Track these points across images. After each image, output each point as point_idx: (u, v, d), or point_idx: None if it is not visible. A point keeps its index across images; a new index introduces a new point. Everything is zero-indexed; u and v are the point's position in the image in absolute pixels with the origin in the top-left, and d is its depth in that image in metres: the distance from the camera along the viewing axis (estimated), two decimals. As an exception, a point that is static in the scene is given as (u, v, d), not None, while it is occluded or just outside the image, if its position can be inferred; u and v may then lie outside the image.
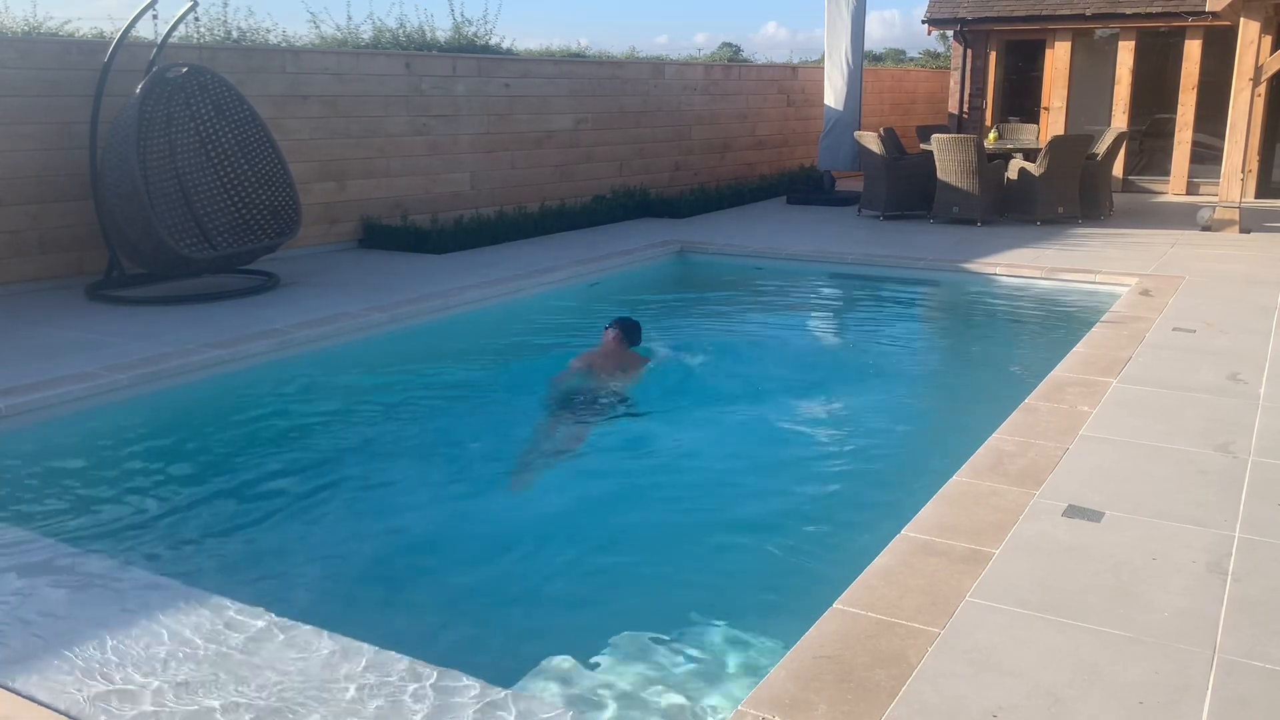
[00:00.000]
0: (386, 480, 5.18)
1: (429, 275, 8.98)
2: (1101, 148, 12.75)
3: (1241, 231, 11.44)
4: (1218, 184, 12.10)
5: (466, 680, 2.96)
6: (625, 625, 3.64)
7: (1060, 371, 5.99)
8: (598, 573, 4.25)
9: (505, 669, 3.23)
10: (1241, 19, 11.14)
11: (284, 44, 11.52)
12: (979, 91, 16.96)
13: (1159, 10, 14.93)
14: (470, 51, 12.58)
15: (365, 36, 12.44)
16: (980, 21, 16.30)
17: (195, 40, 9.65)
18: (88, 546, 4.08)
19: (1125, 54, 15.67)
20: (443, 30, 12.94)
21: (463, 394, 6.60)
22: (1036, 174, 12.23)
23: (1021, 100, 16.90)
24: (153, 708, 2.86)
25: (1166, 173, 15.72)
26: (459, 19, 13.13)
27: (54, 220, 8.41)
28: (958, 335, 8.50)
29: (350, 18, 19.93)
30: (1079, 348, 6.51)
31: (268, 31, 11.53)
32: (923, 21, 17.03)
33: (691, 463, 5.50)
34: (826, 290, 9.95)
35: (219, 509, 4.73)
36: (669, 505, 4.92)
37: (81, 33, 9.93)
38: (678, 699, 3.20)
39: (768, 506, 4.87)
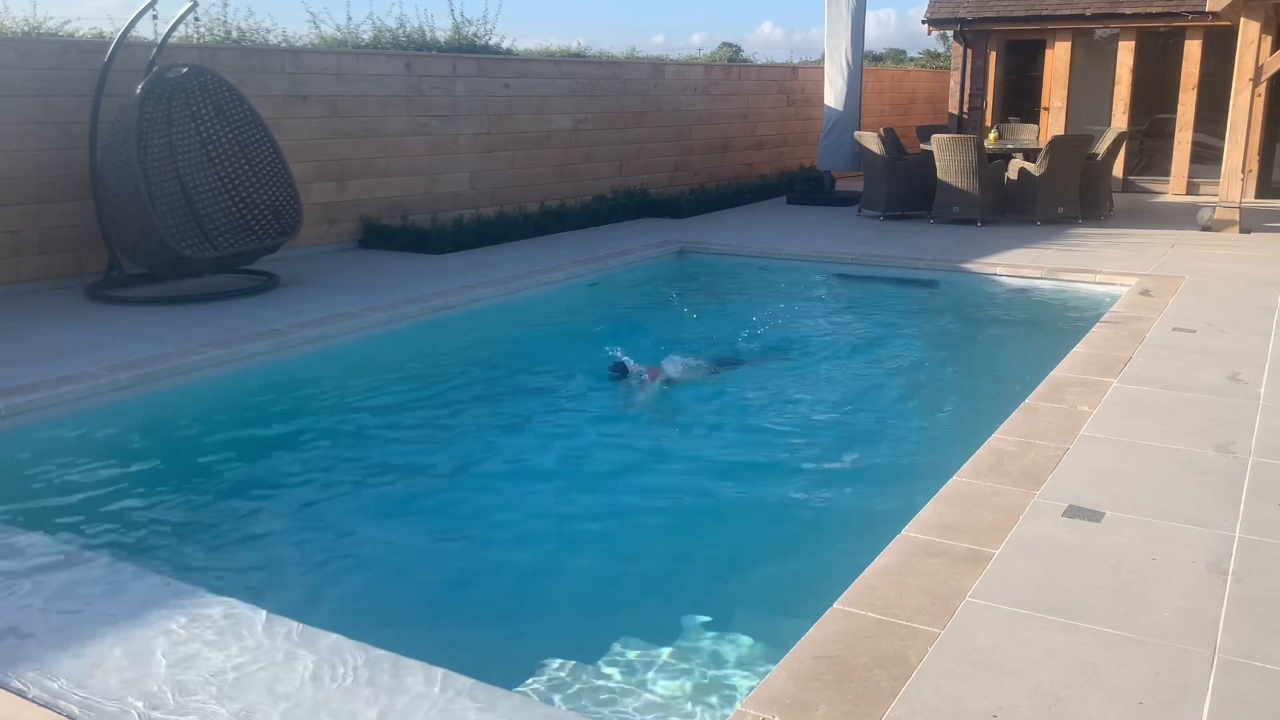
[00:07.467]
0: (386, 480, 5.19)
1: (429, 275, 8.98)
2: (1101, 148, 12.75)
3: (1241, 231, 11.44)
4: (1218, 184, 12.10)
5: (466, 680, 2.96)
6: (624, 626, 3.64)
7: (1060, 371, 5.99)
8: (596, 573, 4.25)
9: (505, 669, 3.23)
10: (1241, 19, 11.14)
11: (284, 44, 11.51)
12: (979, 91, 16.96)
13: (1159, 10, 14.93)
14: (470, 51, 12.58)
15: (365, 37, 12.44)
16: (980, 21, 16.29)
17: (195, 40, 9.65)
18: (87, 546, 4.08)
19: (1125, 54, 15.67)
20: (443, 30, 12.95)
21: (462, 394, 6.60)
22: (1036, 174, 12.23)
23: (1021, 100, 16.90)
24: (153, 708, 2.86)
25: (1166, 173, 15.72)
26: (459, 19, 13.14)
27: (54, 220, 8.40)
28: (958, 335, 8.50)
29: (350, 18, 19.95)
30: (1079, 348, 6.51)
31: (268, 31, 11.53)
32: (923, 21, 17.04)
33: (689, 463, 5.50)
34: (826, 290, 9.94)
35: (218, 508, 4.73)
36: (667, 506, 4.92)
37: (81, 33, 9.93)
38: (678, 699, 3.20)
39: (767, 506, 4.87)
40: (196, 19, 9.38)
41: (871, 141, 12.98)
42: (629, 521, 4.76)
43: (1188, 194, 15.41)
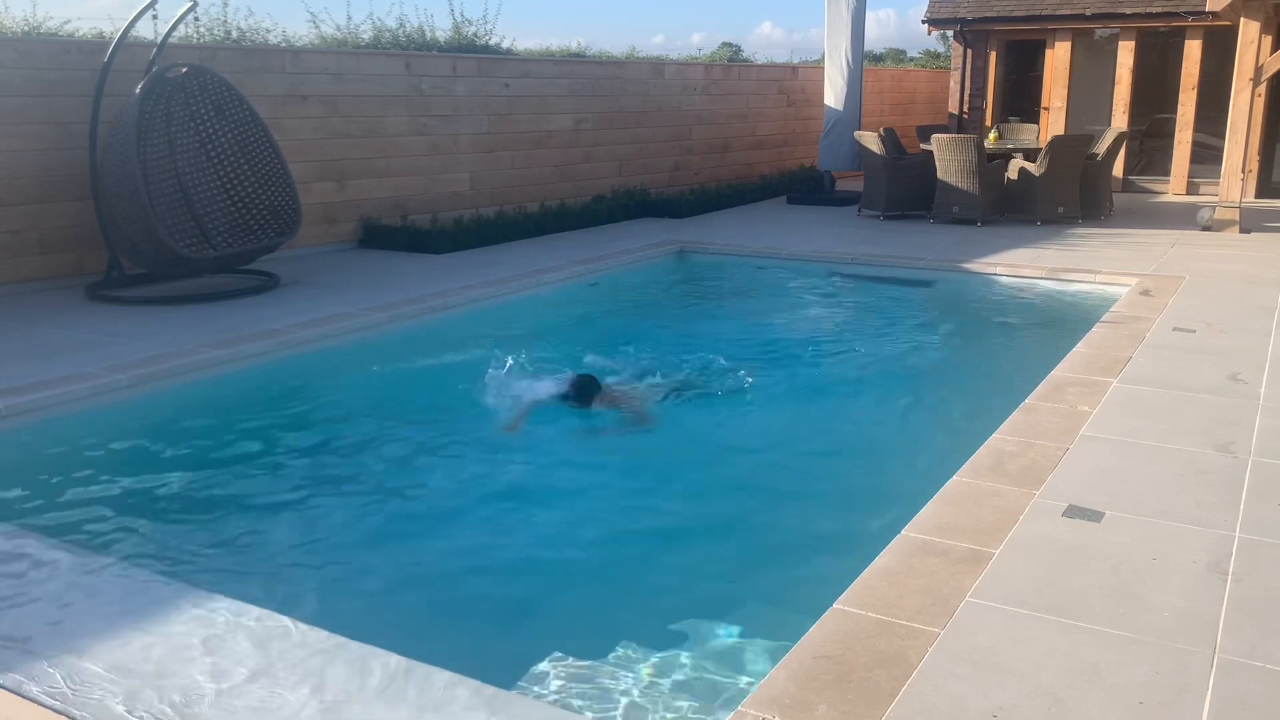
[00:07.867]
0: (386, 479, 5.18)
1: (429, 275, 8.98)
2: (1101, 148, 12.75)
3: (1241, 231, 11.44)
4: (1218, 184, 12.10)
5: (466, 680, 2.96)
6: (625, 626, 3.64)
7: (1060, 371, 5.99)
8: (597, 573, 4.25)
9: (505, 669, 3.23)
10: (1241, 19, 11.14)
11: (284, 44, 11.52)
12: (979, 91, 16.96)
13: (1159, 10, 14.93)
14: (470, 51, 12.58)
15: (365, 37, 12.45)
16: (980, 21, 16.30)
17: (195, 40, 9.65)
18: (87, 546, 4.08)
19: (1125, 54, 15.67)
20: (442, 30, 12.96)
21: (462, 394, 6.60)
22: (1036, 174, 12.23)
23: (1021, 100, 16.90)
24: (153, 709, 2.86)
25: (1166, 173, 15.72)
26: (459, 19, 13.16)
27: (54, 220, 8.40)
28: (958, 335, 8.50)
29: (350, 18, 19.94)
30: (1079, 348, 6.51)
31: (267, 31, 11.54)
32: (923, 21, 17.04)
33: (688, 464, 5.49)
34: (826, 290, 9.94)
35: (218, 508, 4.73)
36: (666, 506, 4.92)
37: (81, 33, 9.93)
38: (678, 699, 3.20)
39: (767, 507, 4.87)
40: (196, 19, 9.39)
41: (871, 141, 12.98)
42: (629, 524, 4.76)
43: (1188, 194, 15.41)
